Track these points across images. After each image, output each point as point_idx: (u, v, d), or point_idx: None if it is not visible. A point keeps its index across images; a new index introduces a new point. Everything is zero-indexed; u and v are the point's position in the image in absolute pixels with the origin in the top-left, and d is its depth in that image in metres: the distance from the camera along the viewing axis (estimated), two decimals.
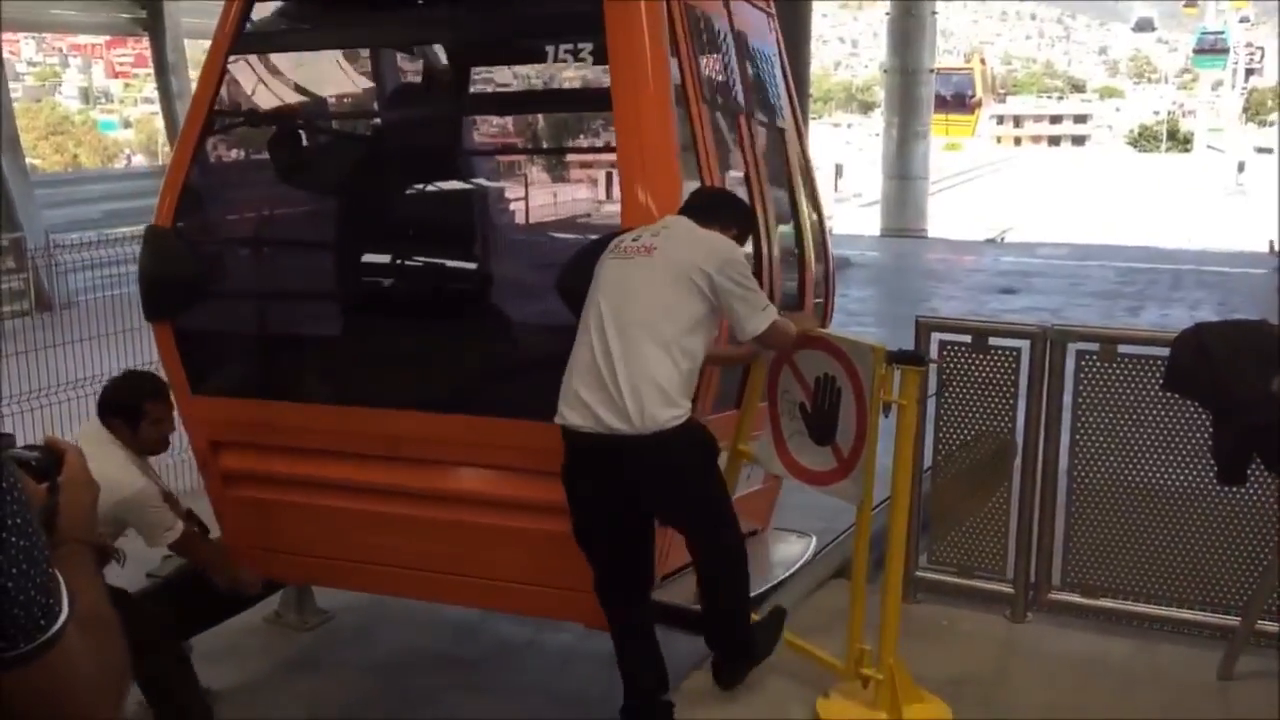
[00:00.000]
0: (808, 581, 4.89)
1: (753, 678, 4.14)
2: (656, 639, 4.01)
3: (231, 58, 4.66)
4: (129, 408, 4.32)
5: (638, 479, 3.71)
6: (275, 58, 4.98)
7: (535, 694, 5.42)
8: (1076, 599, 4.57)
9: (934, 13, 24.40)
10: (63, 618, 1.18)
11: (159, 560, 5.05)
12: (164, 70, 17.62)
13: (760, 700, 4.08)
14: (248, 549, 4.82)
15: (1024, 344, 4.52)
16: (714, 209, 3.93)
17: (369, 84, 5.44)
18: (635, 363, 3.58)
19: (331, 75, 5.34)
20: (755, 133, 4.85)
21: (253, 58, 4.85)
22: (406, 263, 5.07)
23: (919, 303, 15.77)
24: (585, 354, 3.69)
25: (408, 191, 5.26)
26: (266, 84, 4.98)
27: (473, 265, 5.12)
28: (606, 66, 4.27)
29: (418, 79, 5.41)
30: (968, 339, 4.57)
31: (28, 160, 17.23)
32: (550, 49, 4.51)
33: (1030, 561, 4.62)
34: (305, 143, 5.33)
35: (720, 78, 4.66)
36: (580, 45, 4.43)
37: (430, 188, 5.31)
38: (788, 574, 4.88)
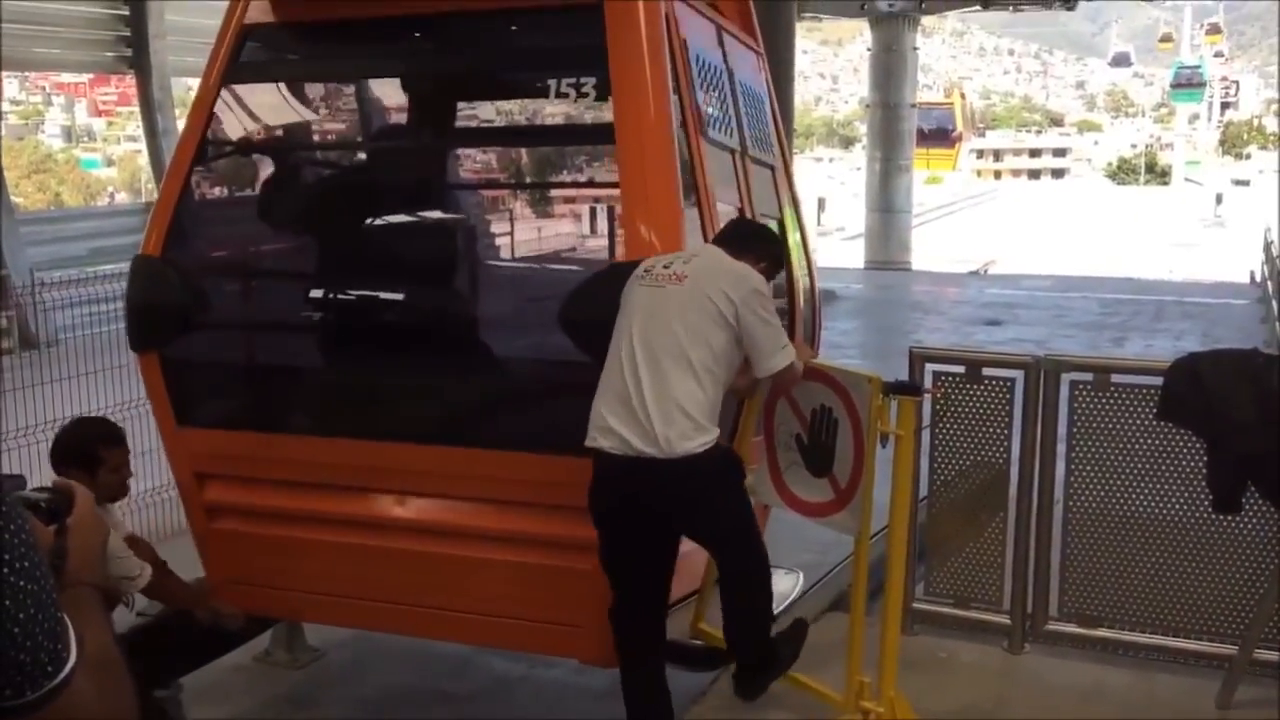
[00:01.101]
0: (805, 614, 4.86)
1: (752, 711, 4.12)
2: (665, 682, 3.99)
3: (225, 89, 4.66)
4: (85, 455, 4.17)
5: (669, 503, 3.74)
6: (267, 90, 4.98)
7: None
8: (1074, 629, 4.56)
9: (915, 48, 24.66)
10: (70, 664, 1.17)
11: (147, 601, 4.99)
12: (150, 107, 17.59)
13: None
14: (232, 583, 4.77)
15: (1018, 374, 4.53)
16: (747, 240, 4.00)
17: (359, 118, 5.44)
18: (665, 389, 3.62)
19: (323, 108, 5.34)
20: (749, 169, 4.88)
21: (245, 89, 4.85)
22: (395, 297, 5.05)
23: (904, 335, 15.82)
24: (616, 380, 3.71)
25: (396, 225, 5.24)
26: (258, 116, 4.98)
27: (461, 299, 5.11)
28: (597, 102, 4.29)
29: (412, 111, 5.41)
30: (961, 369, 4.58)
31: (10, 198, 17.18)
32: (552, 83, 4.50)
33: (1027, 592, 4.61)
34: (294, 177, 5.32)
35: (717, 114, 4.69)
36: (583, 80, 4.43)
37: (419, 222, 5.29)
38: (778, 610, 4.85)
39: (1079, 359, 4.70)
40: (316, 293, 5.01)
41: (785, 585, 5.08)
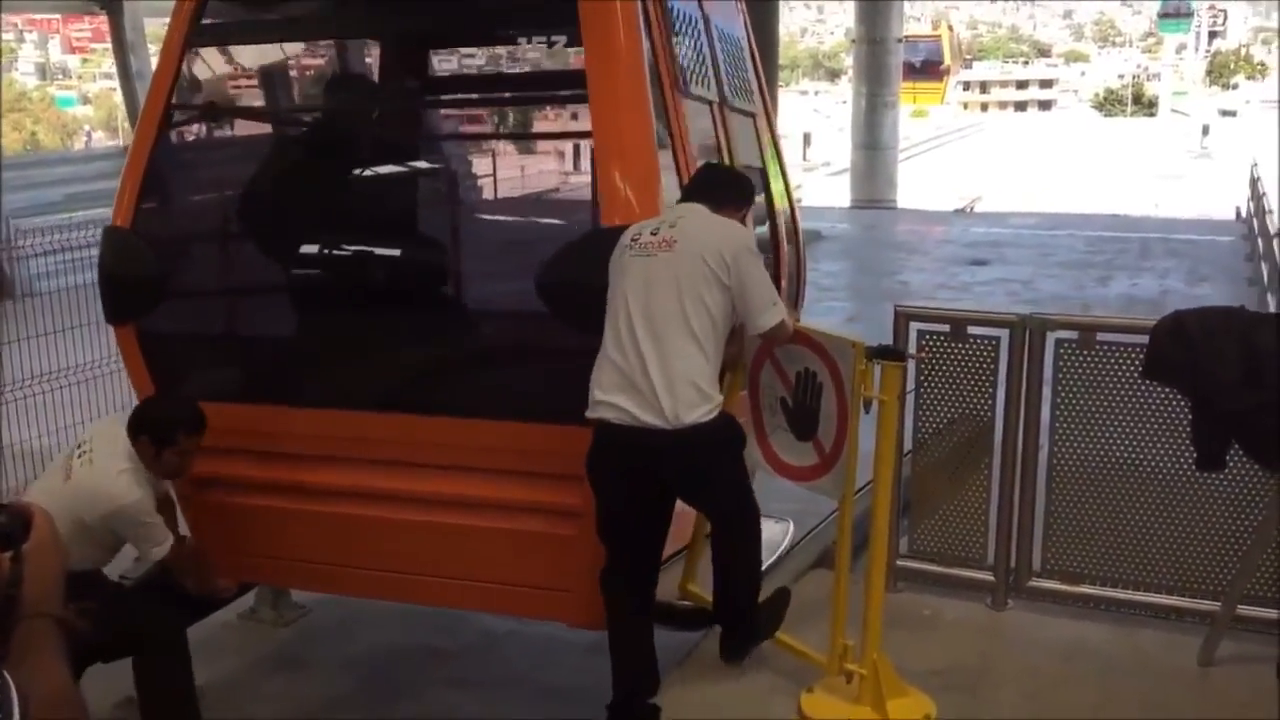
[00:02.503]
0: (788, 572, 4.87)
1: (735, 672, 4.14)
2: (653, 638, 4.02)
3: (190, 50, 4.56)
4: (163, 433, 4.23)
5: (674, 472, 3.76)
6: (233, 51, 4.87)
7: (519, 686, 5.40)
8: (1057, 585, 4.58)
9: None
10: None
11: (130, 563, 4.98)
12: (123, 48, 17.30)
13: (744, 695, 4.07)
14: (220, 552, 4.75)
15: (1003, 333, 4.50)
16: (721, 189, 3.97)
17: (328, 75, 5.33)
18: (668, 360, 3.62)
19: (289, 68, 5.23)
20: (727, 118, 4.81)
21: (211, 51, 4.74)
22: (372, 261, 4.99)
23: (890, 276, 15.79)
24: (616, 353, 3.70)
25: (370, 185, 5.16)
26: (224, 78, 4.87)
27: (441, 262, 5.04)
28: (577, 50, 4.22)
29: (383, 64, 5.30)
30: (946, 328, 4.55)
31: None
32: (522, 35, 4.42)
33: (1010, 549, 4.62)
34: (264, 140, 5.22)
35: (693, 64, 4.60)
36: (555, 32, 4.35)
37: (394, 182, 5.21)
38: (770, 561, 4.86)
39: (1065, 318, 4.66)
40: (291, 259, 4.95)
41: (776, 533, 5.10)
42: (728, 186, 4.01)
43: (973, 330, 4.53)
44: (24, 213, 13.31)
